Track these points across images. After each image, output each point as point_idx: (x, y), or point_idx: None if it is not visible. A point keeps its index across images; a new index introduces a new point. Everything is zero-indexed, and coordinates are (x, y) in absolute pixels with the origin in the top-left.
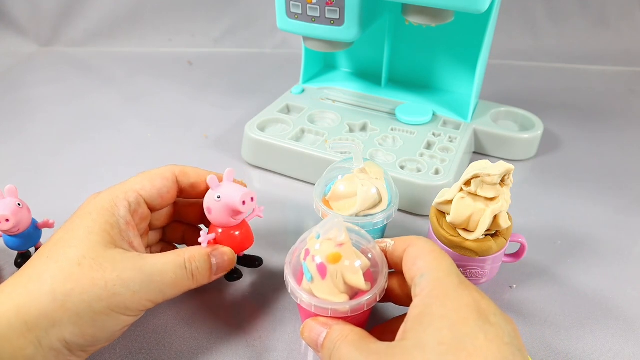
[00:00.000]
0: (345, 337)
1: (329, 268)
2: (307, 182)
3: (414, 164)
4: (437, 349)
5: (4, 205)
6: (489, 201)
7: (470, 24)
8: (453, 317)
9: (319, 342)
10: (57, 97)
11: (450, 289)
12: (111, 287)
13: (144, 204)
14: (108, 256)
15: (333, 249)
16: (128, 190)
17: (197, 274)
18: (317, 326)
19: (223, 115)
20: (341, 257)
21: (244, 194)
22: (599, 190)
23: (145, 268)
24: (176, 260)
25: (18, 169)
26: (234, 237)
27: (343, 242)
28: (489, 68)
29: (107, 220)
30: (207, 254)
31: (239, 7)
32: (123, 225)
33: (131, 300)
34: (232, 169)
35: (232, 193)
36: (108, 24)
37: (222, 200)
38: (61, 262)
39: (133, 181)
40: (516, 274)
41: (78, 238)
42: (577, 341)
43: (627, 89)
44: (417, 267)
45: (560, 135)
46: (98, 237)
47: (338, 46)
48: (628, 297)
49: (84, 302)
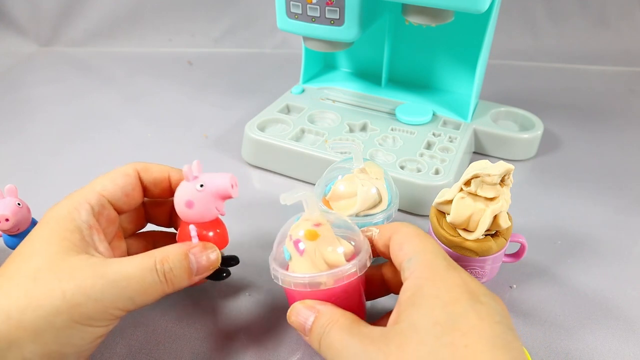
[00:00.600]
0: (335, 321)
1: (307, 245)
2: (307, 182)
3: (414, 164)
4: (432, 329)
5: (3, 205)
6: (489, 201)
7: (470, 24)
8: (445, 297)
9: (307, 327)
10: (57, 97)
11: (440, 270)
12: (69, 297)
13: (108, 205)
14: (66, 265)
15: (310, 227)
16: (88, 192)
17: (171, 277)
18: (305, 309)
19: (223, 115)
20: (318, 235)
21: (231, 177)
22: (599, 190)
23: (108, 274)
24: (144, 263)
25: (18, 169)
26: (213, 236)
27: (320, 223)
28: (489, 68)
29: (65, 227)
30: (184, 252)
31: (239, 7)
32: (85, 230)
33: (94, 309)
34: (199, 161)
35: (217, 178)
36: (108, 24)
37: (206, 189)
38: (16, 279)
39: (93, 183)
40: (516, 274)
41: (34, 250)
42: (577, 341)
43: (627, 89)
44: (403, 252)
45: (560, 135)
46: (55, 247)
47: (338, 46)
48: (628, 297)
49: (41, 318)
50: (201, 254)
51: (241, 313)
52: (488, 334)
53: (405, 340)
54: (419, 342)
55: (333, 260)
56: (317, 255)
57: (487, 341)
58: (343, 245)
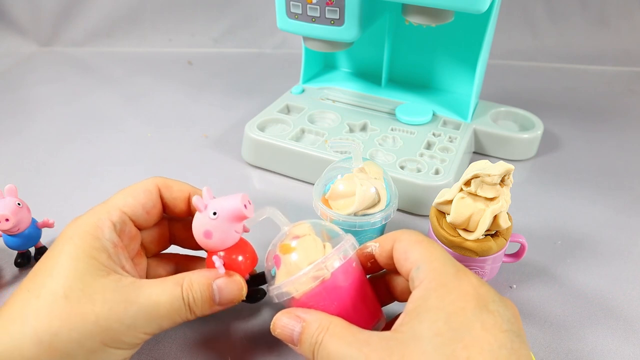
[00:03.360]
0: (325, 328)
1: (282, 258)
2: (307, 182)
3: (414, 164)
4: (433, 340)
5: (3, 205)
6: (489, 201)
7: (470, 24)
8: (449, 308)
9: (294, 337)
10: (57, 97)
11: (449, 279)
12: (103, 321)
13: (129, 222)
14: (98, 286)
15: (287, 241)
16: (110, 209)
17: (193, 305)
18: (289, 320)
19: (223, 115)
20: (292, 248)
21: (242, 197)
22: (599, 190)
23: (139, 299)
24: (173, 291)
25: (18, 169)
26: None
27: (299, 235)
28: (489, 68)
29: (91, 244)
30: (208, 283)
31: (239, 7)
32: (111, 249)
33: (126, 334)
34: (209, 187)
35: (228, 201)
36: (108, 24)
37: (219, 216)
38: (44, 297)
39: (115, 198)
40: (516, 274)
41: (61, 267)
42: (577, 341)
43: (627, 89)
44: (410, 261)
45: (560, 135)
46: (84, 265)
47: (338, 46)
48: (628, 297)
49: (74, 341)
50: (226, 287)
51: (242, 314)
52: (492, 345)
53: (407, 351)
54: (420, 353)
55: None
56: (292, 267)
57: (490, 353)
58: (325, 250)
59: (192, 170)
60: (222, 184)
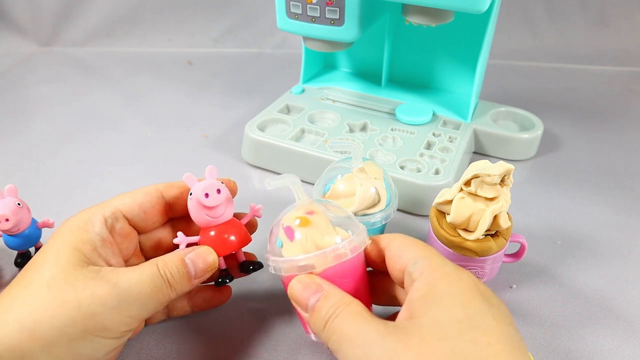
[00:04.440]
0: (346, 304)
1: (297, 231)
2: (307, 182)
3: (414, 164)
4: (455, 325)
5: (3, 205)
6: (489, 201)
7: (470, 24)
8: (461, 297)
9: (310, 303)
10: (57, 97)
11: (450, 271)
12: (86, 306)
13: (122, 219)
14: (79, 275)
15: (302, 214)
16: (105, 206)
17: (173, 282)
18: (313, 284)
19: (223, 115)
20: (310, 222)
21: (205, 187)
22: (599, 190)
23: (120, 282)
24: (151, 269)
25: (18, 169)
26: (221, 238)
27: (313, 211)
28: (489, 68)
29: (79, 237)
30: (180, 258)
31: (239, 7)
32: (98, 242)
33: (110, 319)
34: (213, 166)
35: (196, 187)
36: (108, 24)
37: (192, 196)
38: (30, 287)
39: (112, 198)
40: (516, 274)
41: (48, 260)
42: (577, 341)
43: (627, 89)
44: (406, 258)
45: (560, 135)
46: (68, 256)
47: (338, 46)
48: (628, 297)
49: (55, 328)
50: (198, 258)
51: (242, 315)
52: (505, 335)
53: (427, 335)
54: (442, 337)
55: (326, 245)
56: (308, 241)
57: (506, 342)
58: (339, 234)
59: (192, 170)
60: None
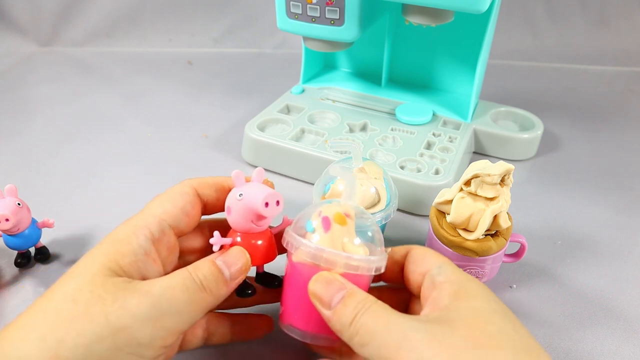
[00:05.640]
0: (373, 301)
1: (333, 226)
2: (307, 182)
3: (414, 164)
4: (496, 313)
5: (3, 205)
6: (489, 201)
7: (470, 24)
8: (490, 294)
9: (334, 299)
10: (57, 97)
11: (471, 277)
12: (114, 319)
13: (169, 230)
14: (108, 285)
15: (342, 212)
16: (148, 216)
17: (207, 284)
18: (336, 282)
19: (223, 115)
20: (346, 223)
21: (267, 195)
22: (599, 190)
23: (152, 290)
24: (183, 274)
25: (18, 169)
26: (255, 246)
27: (350, 215)
28: (489, 68)
29: (117, 249)
30: (211, 260)
31: (239, 7)
32: (141, 255)
33: (142, 331)
34: (261, 169)
35: (255, 192)
36: (108, 24)
37: (243, 199)
38: (54, 300)
39: (152, 205)
40: (516, 274)
41: (79, 270)
42: (577, 341)
43: (627, 89)
44: (429, 262)
45: (560, 135)
46: (100, 267)
47: (338, 46)
48: (628, 297)
49: (81, 347)
50: (230, 260)
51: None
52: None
53: (471, 320)
54: (486, 321)
55: (352, 251)
56: (338, 239)
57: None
58: (361, 245)
59: (192, 170)
60: None
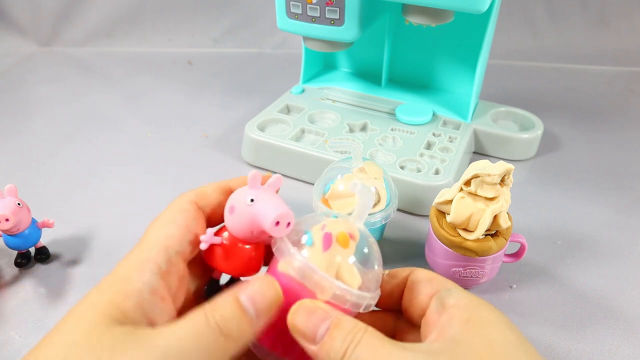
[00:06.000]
0: (364, 330)
1: (334, 247)
2: (307, 182)
3: (414, 164)
4: (512, 346)
5: (3, 205)
6: (489, 201)
7: (470, 24)
8: (506, 324)
9: (319, 333)
10: (57, 97)
11: (484, 302)
12: None
13: (176, 257)
14: (106, 338)
15: (347, 233)
16: (151, 246)
17: (228, 330)
18: (319, 310)
19: (223, 115)
20: (348, 246)
21: (281, 214)
22: (599, 190)
23: (160, 343)
24: (197, 318)
25: (18, 169)
26: (240, 252)
27: (355, 236)
28: (489, 68)
29: (119, 289)
30: (234, 297)
31: (239, 7)
32: (146, 294)
33: None
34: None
35: (269, 206)
36: (108, 24)
37: (254, 206)
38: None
39: (152, 232)
40: (516, 274)
41: (74, 319)
42: (577, 341)
43: (627, 89)
44: (437, 283)
45: (560, 135)
46: (98, 314)
47: (338, 46)
48: (628, 297)
49: None
50: (254, 293)
51: None
52: None
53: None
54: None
55: (346, 281)
56: (334, 263)
57: None
58: (356, 275)
59: (192, 170)
60: None
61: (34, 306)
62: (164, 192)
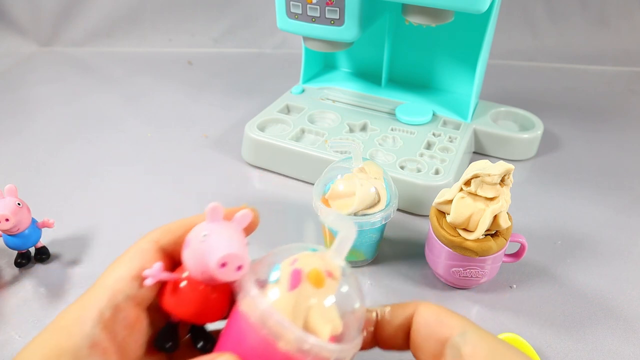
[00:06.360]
0: None
1: (303, 286)
2: (307, 182)
3: (414, 164)
4: None
5: (3, 205)
6: (489, 201)
7: (470, 24)
8: None
9: None
10: (57, 97)
11: (504, 349)
12: None
13: (126, 302)
14: None
15: (322, 270)
16: (97, 290)
17: None
18: None
19: (223, 115)
20: (325, 283)
21: (228, 255)
22: (599, 190)
23: None
24: None
25: (18, 169)
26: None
27: (334, 274)
28: (489, 68)
29: (57, 344)
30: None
31: (239, 7)
32: (84, 349)
33: None
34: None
35: (216, 244)
36: (108, 24)
37: (205, 242)
38: None
39: (104, 274)
40: (516, 274)
41: None
42: (577, 341)
43: (627, 89)
44: (449, 326)
45: (560, 135)
46: None
47: (338, 46)
48: (628, 297)
49: None
50: None
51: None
52: None
53: None
54: None
55: (314, 328)
56: (303, 304)
57: None
58: (334, 321)
59: (192, 170)
60: (222, 184)
61: (34, 306)
62: (164, 192)
